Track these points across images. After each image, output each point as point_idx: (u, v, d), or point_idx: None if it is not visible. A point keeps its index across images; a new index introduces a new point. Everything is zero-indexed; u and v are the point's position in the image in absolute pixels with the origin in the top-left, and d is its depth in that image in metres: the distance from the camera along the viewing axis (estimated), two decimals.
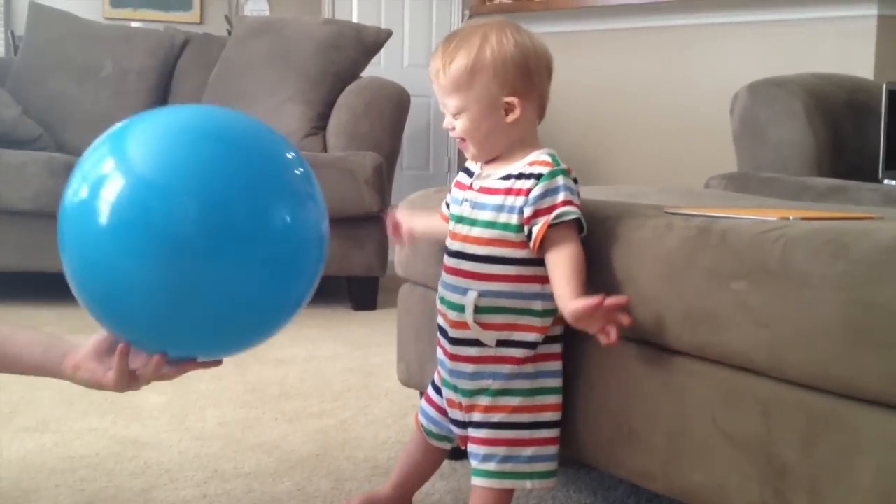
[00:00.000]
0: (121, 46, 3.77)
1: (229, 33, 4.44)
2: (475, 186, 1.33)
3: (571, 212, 1.24)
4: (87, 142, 3.73)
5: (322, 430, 1.87)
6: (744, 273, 1.10)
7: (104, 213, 1.10)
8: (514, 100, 1.28)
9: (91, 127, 3.55)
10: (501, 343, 1.29)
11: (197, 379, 2.21)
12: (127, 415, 1.93)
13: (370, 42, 3.63)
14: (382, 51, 3.76)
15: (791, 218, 1.18)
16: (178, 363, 1.22)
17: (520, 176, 1.28)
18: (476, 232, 1.30)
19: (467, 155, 1.35)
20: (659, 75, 3.75)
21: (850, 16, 3.14)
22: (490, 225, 1.29)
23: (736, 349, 1.11)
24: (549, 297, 1.28)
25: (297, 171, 1.21)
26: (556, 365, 1.32)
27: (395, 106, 3.38)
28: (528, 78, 1.28)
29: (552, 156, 1.29)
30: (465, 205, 1.33)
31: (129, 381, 1.22)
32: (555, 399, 1.32)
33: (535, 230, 1.25)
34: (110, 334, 1.23)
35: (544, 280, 1.27)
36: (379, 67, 4.64)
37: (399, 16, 5.29)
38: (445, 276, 1.34)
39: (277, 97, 3.47)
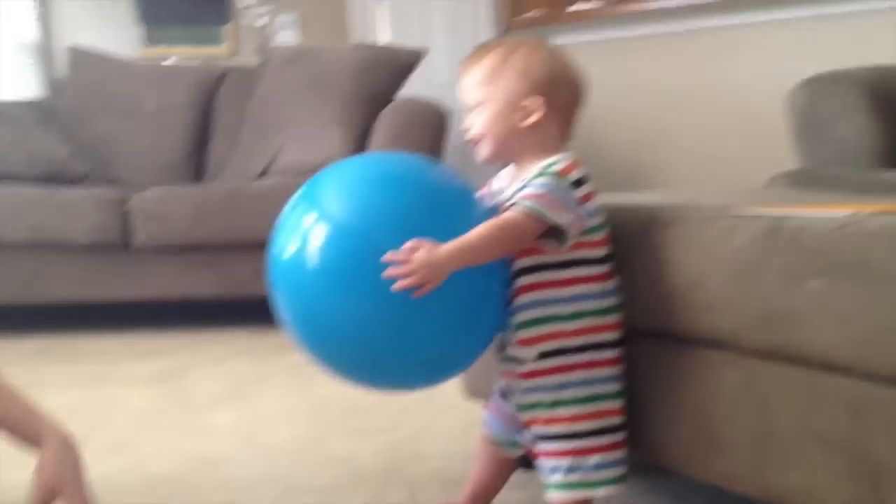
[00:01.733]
0: (161, 83, 3.87)
1: (262, 65, 4.51)
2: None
3: (526, 204, 1.23)
4: (136, 176, 3.84)
5: (390, 443, 1.90)
6: (818, 271, 1.09)
7: (311, 261, 1.21)
8: (534, 102, 1.30)
9: (138, 162, 3.71)
10: (544, 355, 1.30)
11: (262, 398, 2.26)
12: (199, 434, 1.98)
13: (404, 63, 3.67)
14: (416, 71, 3.79)
15: (862, 212, 1.17)
16: None
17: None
18: None
19: (478, 157, 1.36)
20: (709, 77, 3.71)
21: None
22: None
23: (816, 349, 1.10)
24: (577, 298, 1.29)
25: (480, 210, 1.30)
26: (611, 371, 1.32)
27: (433, 124, 3.42)
28: (552, 89, 1.31)
29: (550, 162, 1.29)
30: None
31: None
32: (614, 404, 1.32)
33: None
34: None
35: (567, 283, 1.29)
36: (413, 87, 4.68)
37: (429, 35, 5.34)
38: None
39: (316, 122, 3.52)
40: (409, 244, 1.17)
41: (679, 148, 3.83)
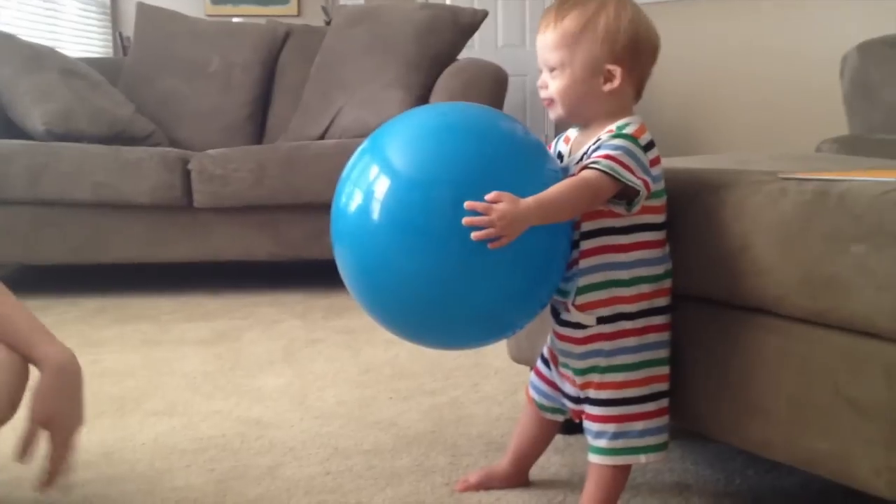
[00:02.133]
0: (226, 42, 3.88)
1: (326, 23, 4.52)
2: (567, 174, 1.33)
3: (603, 164, 1.20)
4: (198, 136, 3.85)
5: (435, 407, 1.91)
6: (863, 236, 1.08)
7: (374, 214, 1.19)
8: (616, 68, 1.27)
9: (201, 121, 3.75)
10: (602, 320, 1.29)
11: (313, 361, 2.28)
12: (250, 397, 2.00)
13: (466, 23, 3.64)
14: (476, 32, 3.76)
15: None
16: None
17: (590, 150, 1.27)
18: None
19: (551, 116, 1.34)
20: (763, 40, 3.64)
21: None
22: None
23: (858, 314, 1.09)
24: (636, 264, 1.28)
25: (549, 166, 1.27)
26: (661, 336, 1.31)
27: (493, 86, 3.39)
28: (634, 53, 1.28)
29: (621, 125, 1.27)
30: None
31: None
32: (661, 370, 1.31)
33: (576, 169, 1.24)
34: None
35: (627, 248, 1.27)
36: (473, 49, 4.64)
37: None
38: None
39: (377, 83, 3.52)
40: (491, 195, 1.14)
41: (730, 112, 3.77)
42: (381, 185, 1.19)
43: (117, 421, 1.86)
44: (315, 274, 3.44)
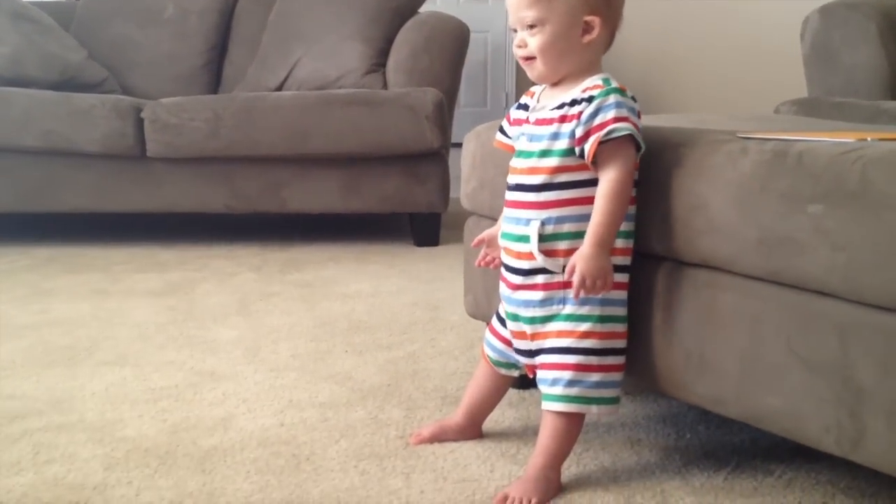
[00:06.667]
0: None
1: None
2: (531, 119, 1.34)
3: (622, 128, 1.24)
4: (151, 84, 3.82)
5: (391, 361, 1.90)
6: (821, 196, 1.08)
7: None
8: (594, 19, 1.27)
9: (155, 69, 3.67)
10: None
11: (268, 314, 2.27)
12: (202, 348, 1.98)
13: None
14: None
15: (869, 139, 1.15)
16: None
17: (573, 103, 1.28)
18: (532, 162, 1.32)
19: (532, 75, 1.34)
20: (725, 1, 3.64)
21: None
22: (545, 154, 1.30)
23: (812, 273, 1.10)
24: None
25: None
26: (622, 294, 1.33)
27: (454, 41, 3.35)
28: (609, 4, 1.29)
29: (605, 79, 1.28)
30: (521, 139, 1.35)
31: None
32: (622, 327, 1.33)
33: (587, 148, 1.26)
34: None
35: None
36: (435, 3, 4.59)
37: None
38: (507, 211, 1.37)
39: (337, 35, 3.46)
40: (568, 268, 1.26)
41: (690, 73, 3.78)
42: None
43: (67, 370, 1.83)
44: (271, 227, 3.42)
